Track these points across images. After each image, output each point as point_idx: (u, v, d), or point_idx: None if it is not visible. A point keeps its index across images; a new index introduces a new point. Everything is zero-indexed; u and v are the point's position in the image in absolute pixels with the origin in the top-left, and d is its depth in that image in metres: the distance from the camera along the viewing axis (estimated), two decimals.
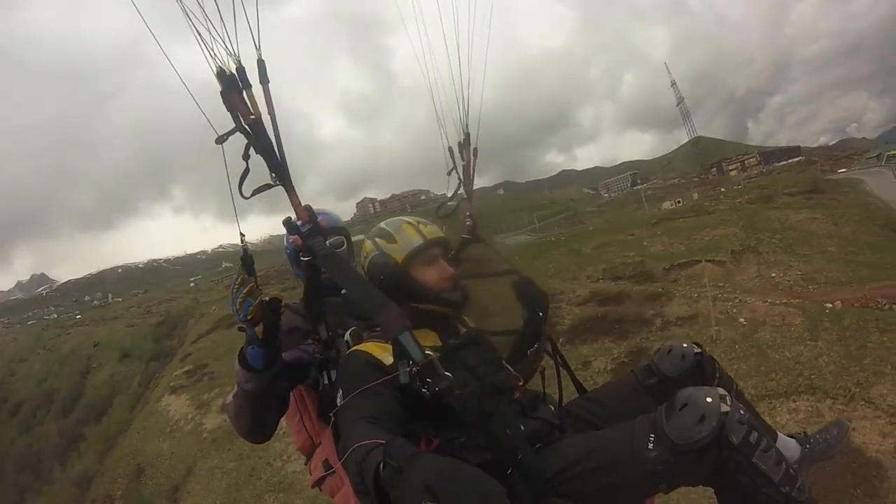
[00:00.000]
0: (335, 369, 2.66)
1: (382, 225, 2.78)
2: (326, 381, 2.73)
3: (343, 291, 2.74)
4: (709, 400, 2.10)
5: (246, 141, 2.30)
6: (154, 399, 42.78)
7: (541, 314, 2.94)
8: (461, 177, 3.49)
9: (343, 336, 2.68)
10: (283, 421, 2.95)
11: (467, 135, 3.48)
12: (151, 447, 32.69)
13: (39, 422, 61.90)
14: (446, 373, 2.19)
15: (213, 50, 2.19)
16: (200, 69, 2.23)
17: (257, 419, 2.66)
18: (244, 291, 2.33)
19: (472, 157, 3.47)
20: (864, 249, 23.72)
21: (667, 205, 65.35)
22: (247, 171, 2.37)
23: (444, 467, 1.72)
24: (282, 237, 3.00)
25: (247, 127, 2.27)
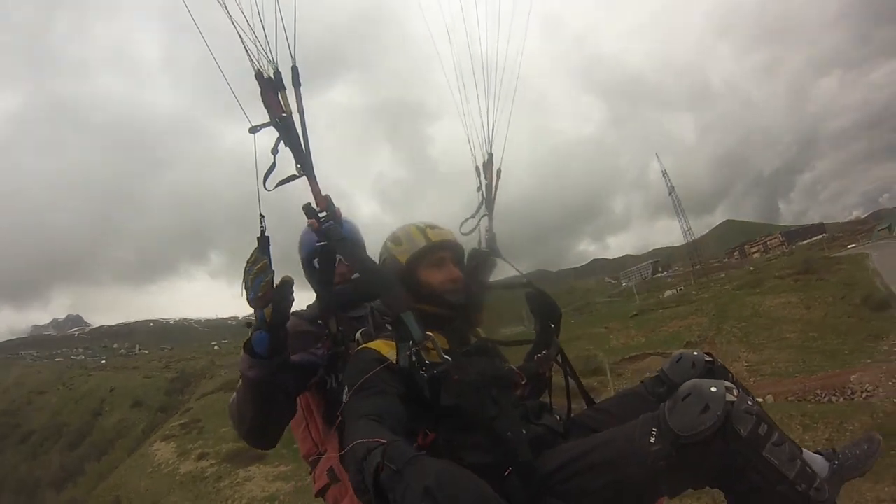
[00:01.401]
0: (343, 369, 2.59)
1: (395, 229, 2.80)
2: (334, 383, 2.70)
3: (354, 276, 2.82)
4: (713, 389, 1.96)
5: (276, 136, 2.45)
6: (148, 444, 48.16)
7: (552, 325, 2.93)
8: (483, 195, 3.52)
9: (354, 337, 2.67)
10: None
11: (490, 155, 3.52)
12: (132, 483, 37.81)
13: (45, 451, 65.85)
14: (445, 356, 2.23)
15: (255, 57, 2.40)
16: (247, 142, 2.37)
17: (260, 414, 2.50)
18: (256, 269, 2.29)
19: (494, 177, 3.52)
20: (828, 334, 23.86)
21: (669, 293, 66.20)
22: (273, 165, 2.47)
23: (443, 471, 1.72)
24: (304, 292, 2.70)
25: (278, 120, 2.41)
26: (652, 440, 1.98)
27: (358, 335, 2.66)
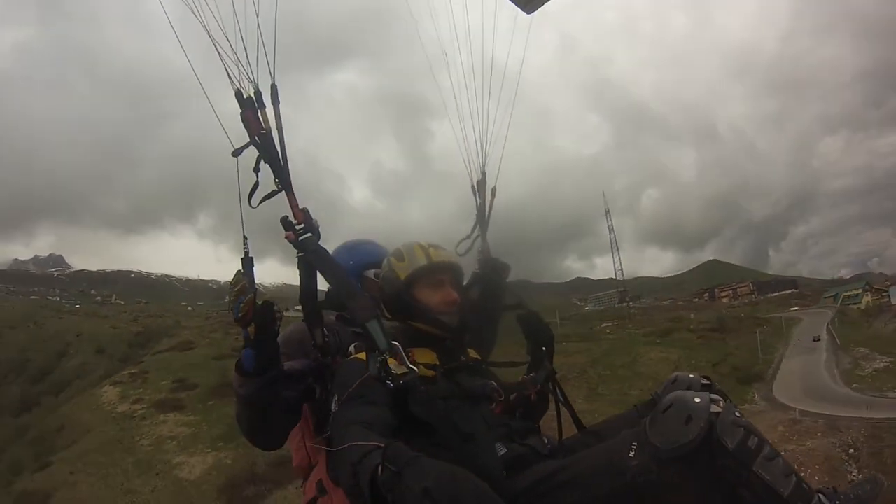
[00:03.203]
0: (332, 379, 2.53)
1: (399, 245, 2.79)
2: (324, 394, 2.60)
3: (328, 287, 2.76)
4: (697, 400, 1.87)
5: (257, 155, 2.53)
6: (99, 387, 56.95)
7: (544, 348, 2.83)
8: (478, 215, 3.47)
9: (346, 350, 2.62)
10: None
11: (484, 174, 3.51)
12: (76, 416, 48.28)
13: (8, 383, 71.82)
14: (412, 366, 2.25)
15: (237, 77, 2.49)
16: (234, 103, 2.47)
17: (257, 427, 2.58)
18: (236, 290, 2.34)
19: (487, 196, 3.50)
20: None
21: (604, 325, 69.09)
22: (256, 183, 2.53)
23: (443, 472, 1.75)
24: (294, 287, 2.72)
25: (257, 139, 2.49)
26: (631, 454, 1.88)
27: (352, 348, 2.58)
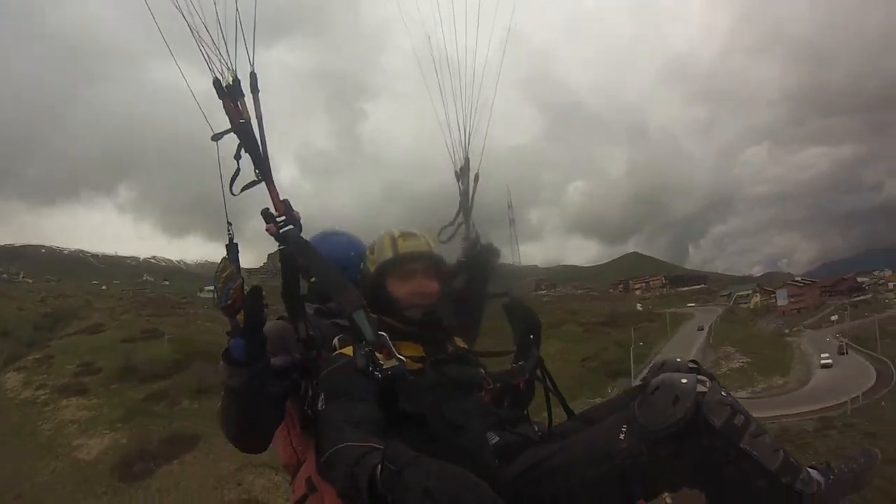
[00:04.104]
0: (317, 373, 2.46)
1: (378, 236, 2.76)
2: (309, 389, 2.55)
3: (312, 280, 2.70)
4: (684, 381, 1.90)
5: (237, 143, 2.48)
6: (4, 373, 57.36)
7: (532, 336, 2.81)
8: (461, 201, 3.44)
9: (331, 343, 2.55)
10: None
11: (467, 159, 3.43)
12: None
13: None
14: (400, 356, 2.23)
15: (214, 65, 2.43)
16: (192, 79, 2.42)
17: (244, 421, 2.44)
18: (224, 276, 2.25)
19: (470, 183, 3.45)
20: None
21: None
22: (238, 170, 2.49)
23: (444, 471, 1.76)
24: (213, 264, 2.48)
25: (238, 128, 2.44)
26: (621, 437, 1.92)
27: (335, 341, 2.53)
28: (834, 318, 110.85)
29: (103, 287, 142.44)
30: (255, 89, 2.54)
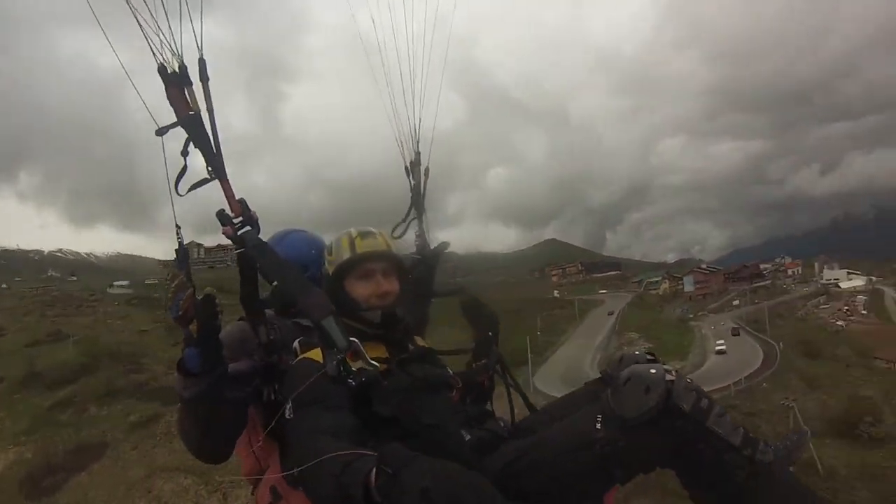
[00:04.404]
0: (279, 379, 2.42)
1: (336, 236, 2.68)
2: (272, 395, 2.47)
3: (273, 283, 2.51)
4: (653, 371, 2.06)
5: (185, 137, 2.31)
6: None
7: (491, 334, 2.85)
8: (412, 196, 3.37)
9: (291, 346, 2.46)
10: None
11: (418, 153, 3.35)
12: None
13: None
14: (372, 361, 2.22)
15: (158, 48, 2.23)
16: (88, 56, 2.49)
17: (204, 433, 2.37)
18: (174, 286, 2.18)
19: (422, 177, 3.37)
20: None
21: None
22: (185, 168, 2.33)
23: (442, 470, 1.78)
24: (130, 257, 5.45)
25: (186, 121, 2.29)
26: (598, 427, 2.04)
27: (296, 344, 2.44)
28: (735, 302, 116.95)
29: (3, 285, 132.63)
30: (204, 77, 2.36)
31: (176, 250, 2.28)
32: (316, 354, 2.28)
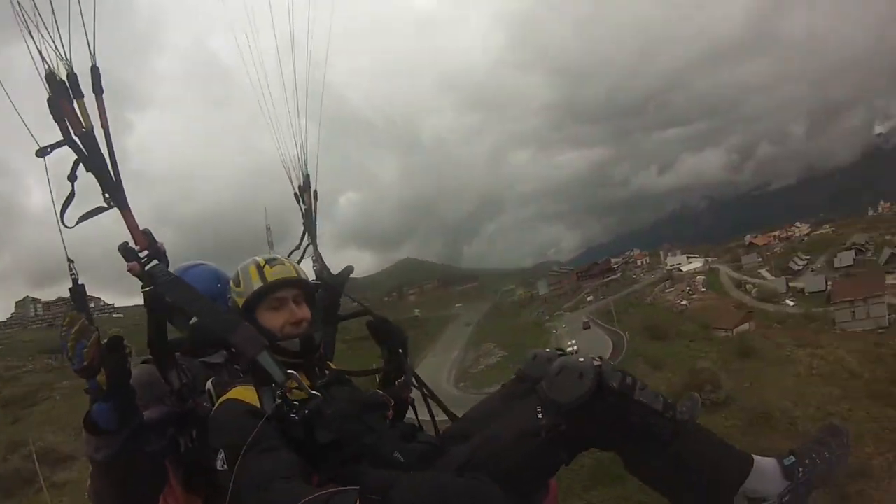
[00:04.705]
0: (197, 425, 2.30)
1: (240, 266, 2.57)
2: (189, 443, 2.35)
3: (192, 322, 2.33)
4: (581, 360, 2.29)
5: (74, 158, 2.08)
6: None
7: (400, 351, 2.88)
8: (305, 222, 3.32)
9: (205, 388, 2.35)
10: None
11: (307, 177, 3.28)
12: None
13: None
14: (313, 391, 2.18)
15: (42, 53, 1.98)
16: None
17: (123, 496, 2.16)
18: (74, 332, 1.91)
19: (312, 200, 3.30)
20: None
21: None
22: (72, 194, 2.11)
23: (427, 483, 1.95)
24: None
25: (77, 140, 2.05)
26: (540, 416, 2.22)
27: (209, 385, 2.35)
28: (589, 298, 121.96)
29: None
30: (98, 89, 2.08)
31: (70, 289, 2.07)
32: (239, 394, 2.18)
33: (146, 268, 2.25)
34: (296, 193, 3.36)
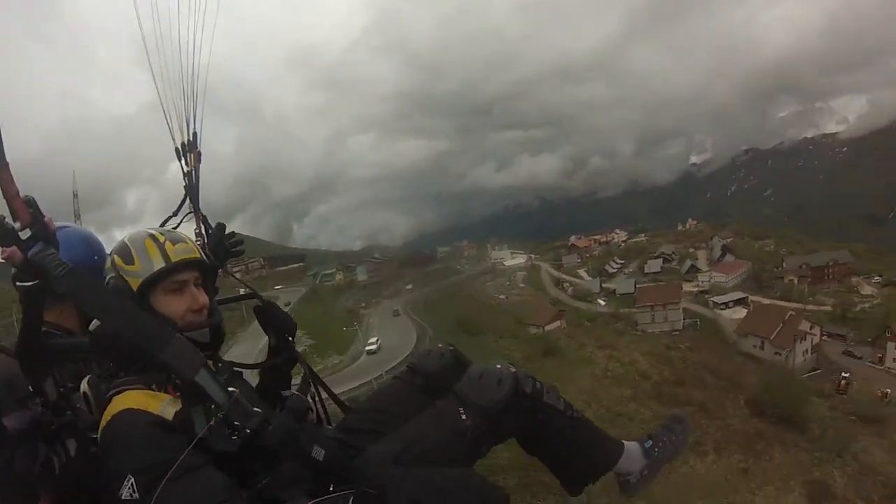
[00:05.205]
0: (77, 438, 1.94)
1: (125, 238, 2.16)
2: (63, 457, 1.94)
3: (93, 326, 1.98)
4: (499, 366, 2.49)
5: None
6: None
7: (290, 338, 2.62)
8: (186, 185, 2.99)
9: (79, 389, 1.95)
10: None
11: (195, 134, 2.99)
12: None
13: None
14: (255, 408, 1.92)
15: None
16: None
17: None
18: None
19: (196, 163, 2.98)
20: None
21: None
22: None
23: (423, 477, 1.99)
24: None
25: None
26: (464, 417, 2.34)
27: (84, 386, 1.96)
28: (409, 287, 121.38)
29: None
30: None
31: None
32: (137, 401, 1.85)
33: (30, 254, 1.76)
34: (177, 150, 2.98)
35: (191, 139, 2.96)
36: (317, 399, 2.60)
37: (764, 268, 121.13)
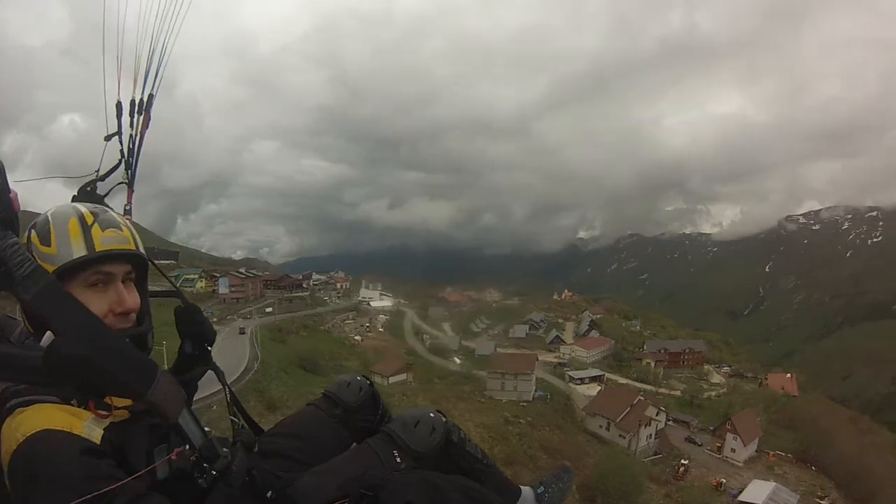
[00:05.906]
0: None
1: (49, 212, 1.91)
2: None
3: (47, 340, 1.68)
4: (432, 415, 2.62)
5: None
6: None
7: (209, 347, 2.30)
8: (124, 152, 2.56)
9: None
10: None
11: (151, 96, 2.63)
12: None
13: None
14: (223, 449, 1.86)
15: None
16: None
17: None
18: None
19: (144, 129, 2.61)
20: None
21: None
22: None
23: (420, 480, 2.14)
24: None
25: None
26: (398, 460, 2.46)
27: None
28: (269, 309, 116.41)
29: None
30: None
31: None
32: (51, 419, 1.59)
33: None
34: (118, 104, 2.57)
35: (144, 98, 2.59)
36: (237, 417, 2.39)
37: (626, 347, 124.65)
